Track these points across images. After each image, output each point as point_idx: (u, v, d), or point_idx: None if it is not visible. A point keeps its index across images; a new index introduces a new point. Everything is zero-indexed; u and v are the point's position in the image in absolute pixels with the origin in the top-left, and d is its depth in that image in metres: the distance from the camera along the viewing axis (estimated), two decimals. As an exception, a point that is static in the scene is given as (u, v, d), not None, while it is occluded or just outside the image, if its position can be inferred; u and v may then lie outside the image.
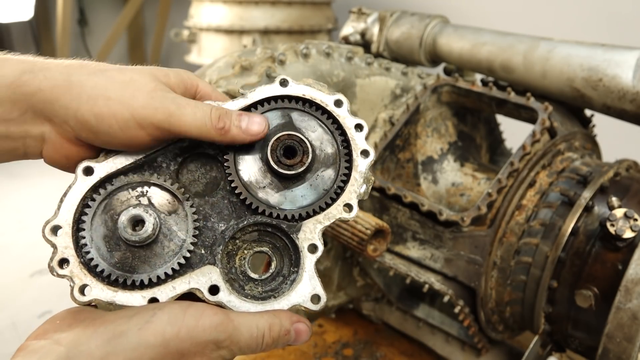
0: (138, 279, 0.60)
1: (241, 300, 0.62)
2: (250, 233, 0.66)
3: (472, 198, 1.25)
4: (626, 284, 0.94)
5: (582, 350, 1.13)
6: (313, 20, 3.01)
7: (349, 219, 0.66)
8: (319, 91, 0.69)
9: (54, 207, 0.61)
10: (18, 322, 2.19)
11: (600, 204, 1.07)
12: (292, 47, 1.21)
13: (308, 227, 0.65)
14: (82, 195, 0.61)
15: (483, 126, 1.47)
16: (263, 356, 1.43)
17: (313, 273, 0.64)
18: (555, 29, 1.77)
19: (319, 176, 0.67)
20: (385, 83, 1.33)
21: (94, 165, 0.62)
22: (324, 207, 0.66)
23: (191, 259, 0.62)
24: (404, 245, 1.23)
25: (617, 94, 1.16)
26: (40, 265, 2.57)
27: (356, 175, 0.67)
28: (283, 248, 0.66)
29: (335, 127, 0.69)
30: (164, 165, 0.65)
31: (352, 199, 0.66)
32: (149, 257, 0.61)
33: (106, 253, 0.60)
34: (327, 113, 0.69)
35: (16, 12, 4.04)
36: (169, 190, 0.63)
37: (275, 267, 0.66)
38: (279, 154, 0.65)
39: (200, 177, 0.67)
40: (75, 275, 0.59)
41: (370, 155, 0.67)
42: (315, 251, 0.64)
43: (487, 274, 1.14)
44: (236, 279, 0.64)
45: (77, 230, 0.60)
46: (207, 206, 0.65)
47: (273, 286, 0.64)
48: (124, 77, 0.61)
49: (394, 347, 1.46)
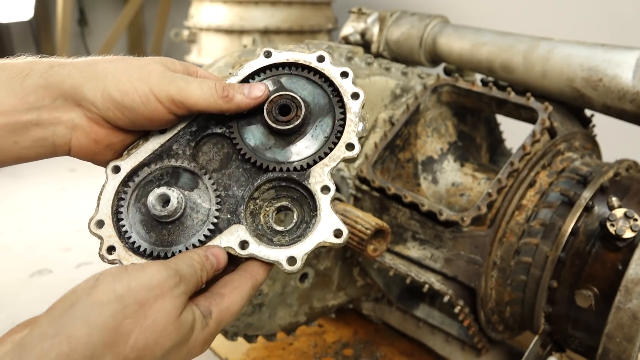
0: (176, 250, 0.67)
1: (270, 249, 0.67)
2: (267, 191, 0.71)
3: (472, 198, 1.25)
4: (626, 284, 0.94)
5: (582, 350, 1.13)
6: (313, 20, 3.00)
7: (354, 156, 0.70)
8: (301, 52, 0.75)
9: (93, 205, 0.69)
10: (18, 322, 2.19)
11: (600, 204, 1.07)
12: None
13: (317, 172, 0.70)
14: (115, 190, 0.70)
15: (483, 126, 1.47)
16: (263, 356, 1.44)
17: (330, 211, 0.68)
18: (555, 29, 1.77)
19: (318, 126, 0.72)
20: (385, 83, 1.33)
21: (119, 163, 0.71)
22: (328, 152, 0.70)
23: (219, 224, 0.69)
24: (404, 245, 1.23)
25: (617, 94, 1.16)
26: (40, 265, 2.57)
27: (351, 116, 0.71)
28: (301, 198, 0.71)
29: (323, 81, 0.74)
30: (180, 152, 0.72)
31: (351, 138, 0.70)
32: (182, 230, 0.68)
33: (145, 235, 0.68)
34: (313, 70, 0.74)
35: (16, 12, 4.04)
36: (187, 169, 0.71)
37: (298, 216, 0.70)
38: (275, 113, 0.70)
39: (214, 155, 0.73)
40: (123, 258, 0.67)
41: (360, 96, 0.72)
42: (328, 191, 0.69)
43: (487, 274, 1.14)
44: (264, 234, 0.69)
45: (117, 220, 0.68)
46: (225, 177, 0.72)
47: (299, 233, 0.69)
48: (139, 62, 0.70)
49: (394, 347, 1.46)
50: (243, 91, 0.70)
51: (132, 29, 4.78)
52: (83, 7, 4.65)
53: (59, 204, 3.23)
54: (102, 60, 0.70)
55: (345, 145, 0.70)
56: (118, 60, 0.70)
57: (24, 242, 2.75)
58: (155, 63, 0.70)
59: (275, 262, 0.66)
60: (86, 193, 3.40)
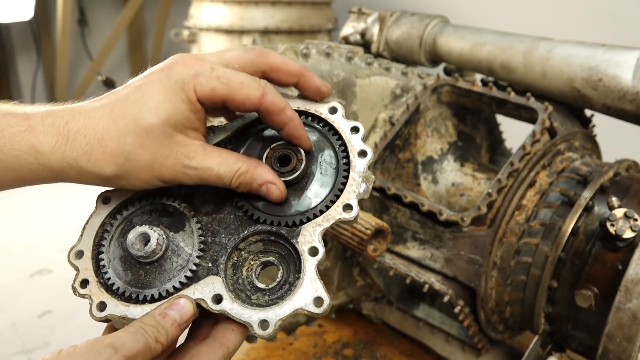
0: (149, 294, 0.63)
1: (244, 308, 0.62)
2: (255, 244, 0.67)
3: (472, 198, 1.25)
4: (626, 284, 0.94)
5: (582, 350, 1.13)
6: (313, 20, 3.00)
7: (350, 219, 0.65)
8: (313, 102, 0.72)
9: (73, 230, 0.68)
10: (18, 322, 2.19)
11: (600, 204, 1.07)
12: (292, 47, 1.21)
13: (307, 231, 0.65)
14: (100, 222, 0.68)
15: (483, 126, 1.47)
16: (263, 356, 1.43)
17: (314, 276, 0.63)
18: (555, 29, 1.77)
19: (322, 162, 0.69)
20: (385, 83, 1.33)
21: (110, 195, 0.69)
22: (324, 210, 0.66)
23: (198, 272, 0.65)
24: (404, 245, 1.23)
25: (617, 94, 1.16)
26: (40, 265, 2.56)
27: (354, 175, 0.67)
28: (288, 256, 0.66)
29: (332, 133, 0.71)
30: (175, 189, 0.70)
31: (351, 198, 0.66)
32: (159, 272, 0.65)
33: (122, 272, 0.65)
34: (323, 120, 0.71)
35: (16, 12, 4.03)
36: (177, 209, 0.68)
37: (282, 275, 0.66)
38: (276, 167, 0.68)
39: (210, 197, 0.69)
40: (94, 294, 0.64)
41: (368, 155, 0.68)
42: (316, 254, 0.64)
43: (487, 274, 1.14)
44: (243, 289, 0.65)
45: (97, 253, 0.66)
46: (215, 222, 0.68)
47: (279, 294, 0.64)
48: (138, 114, 0.61)
49: (394, 347, 1.46)
50: (261, 187, 0.66)
51: (132, 29, 4.78)
52: (83, 7, 4.64)
53: (59, 204, 3.22)
54: (84, 116, 0.61)
55: (342, 206, 0.66)
56: (107, 113, 0.61)
57: (24, 242, 2.74)
58: (164, 112, 0.61)
59: (247, 323, 0.62)
60: (86, 193, 3.40)
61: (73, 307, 2.29)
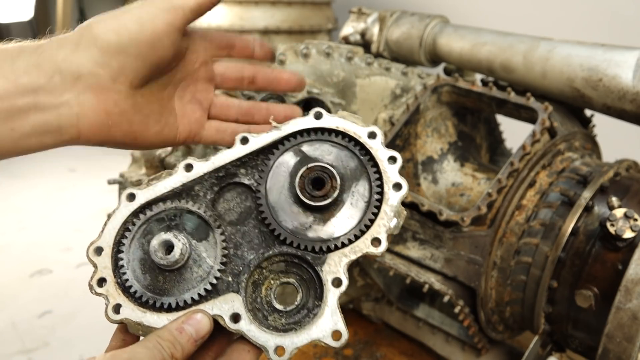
0: (166, 302, 0.62)
1: (261, 331, 0.62)
2: (277, 263, 0.66)
3: (472, 198, 1.25)
4: (626, 284, 0.94)
5: (582, 350, 1.13)
6: (313, 20, 3.00)
7: (377, 254, 0.64)
8: (353, 123, 0.69)
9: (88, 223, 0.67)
10: (18, 322, 2.19)
11: (600, 204, 1.07)
12: (292, 47, 1.21)
13: (333, 260, 0.64)
14: (123, 220, 0.65)
15: (483, 126, 1.47)
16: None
17: (335, 308, 0.63)
18: (555, 29, 1.77)
19: (354, 192, 0.66)
20: (385, 83, 1.33)
21: (136, 191, 0.66)
22: (352, 240, 0.65)
23: (218, 285, 0.63)
24: (404, 245, 1.23)
25: (617, 94, 1.16)
26: (40, 265, 2.57)
27: (386, 208, 0.65)
28: (309, 280, 0.65)
29: (367, 159, 0.68)
30: (200, 194, 0.67)
31: (380, 232, 0.64)
32: (178, 281, 0.63)
33: (140, 275, 0.63)
34: (359, 144, 0.68)
35: (16, 12, 4.04)
36: (202, 217, 0.66)
37: (301, 299, 0.65)
38: (308, 189, 0.65)
39: (235, 206, 0.68)
40: (111, 295, 0.62)
41: (403, 189, 0.66)
42: (340, 285, 0.64)
43: (487, 274, 1.14)
44: (261, 309, 0.64)
45: (117, 252, 0.64)
46: (239, 235, 0.66)
47: (297, 319, 0.64)
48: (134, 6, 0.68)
49: (394, 347, 1.46)
50: None
51: (132, 29, 4.79)
52: (83, 7, 4.65)
53: (59, 204, 3.23)
54: (95, 19, 0.67)
55: (371, 239, 0.64)
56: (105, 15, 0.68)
57: (24, 242, 2.75)
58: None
59: (262, 347, 0.61)
60: (86, 193, 3.40)
61: (73, 307, 2.29)
